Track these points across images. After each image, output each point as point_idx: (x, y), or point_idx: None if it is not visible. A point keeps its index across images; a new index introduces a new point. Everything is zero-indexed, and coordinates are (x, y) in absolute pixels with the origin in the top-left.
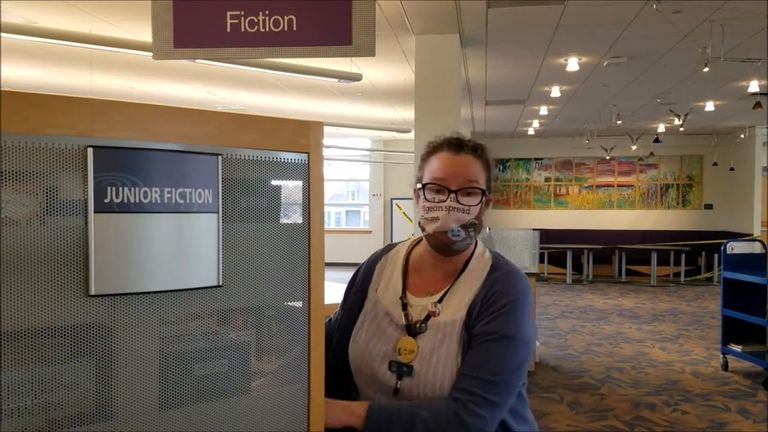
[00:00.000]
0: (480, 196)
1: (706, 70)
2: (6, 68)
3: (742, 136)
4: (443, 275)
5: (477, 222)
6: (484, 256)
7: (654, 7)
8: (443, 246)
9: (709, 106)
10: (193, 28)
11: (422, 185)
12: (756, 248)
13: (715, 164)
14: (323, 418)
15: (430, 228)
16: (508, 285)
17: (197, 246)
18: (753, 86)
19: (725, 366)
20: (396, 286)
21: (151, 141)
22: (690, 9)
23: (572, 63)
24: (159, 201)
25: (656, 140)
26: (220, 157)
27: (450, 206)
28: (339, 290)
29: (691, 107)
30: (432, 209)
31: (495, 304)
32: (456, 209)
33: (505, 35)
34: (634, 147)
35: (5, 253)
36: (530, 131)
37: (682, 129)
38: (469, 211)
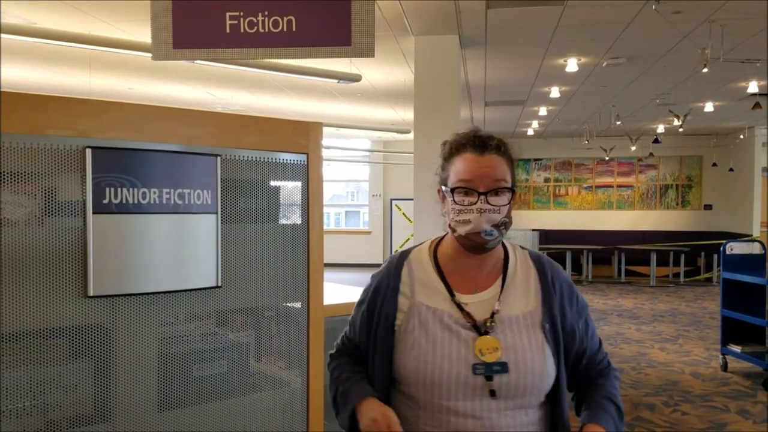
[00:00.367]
0: (508, 195)
1: (706, 71)
2: (5, 69)
3: (742, 137)
4: (486, 271)
5: (507, 220)
6: (516, 249)
7: (653, 8)
8: (477, 246)
9: (709, 107)
10: (192, 29)
11: (451, 189)
12: (755, 249)
13: (715, 165)
14: (322, 419)
15: (463, 230)
16: (562, 274)
17: (196, 247)
18: (752, 87)
19: (725, 366)
20: (439, 289)
21: (150, 142)
22: (689, 9)
23: (571, 64)
24: (158, 202)
25: (656, 141)
26: (219, 158)
27: (481, 208)
28: (338, 291)
29: (691, 108)
30: (462, 212)
31: (566, 292)
32: (487, 210)
33: (505, 36)
34: (634, 147)
35: (3, 255)
36: (529, 132)
37: (682, 130)
38: (500, 211)
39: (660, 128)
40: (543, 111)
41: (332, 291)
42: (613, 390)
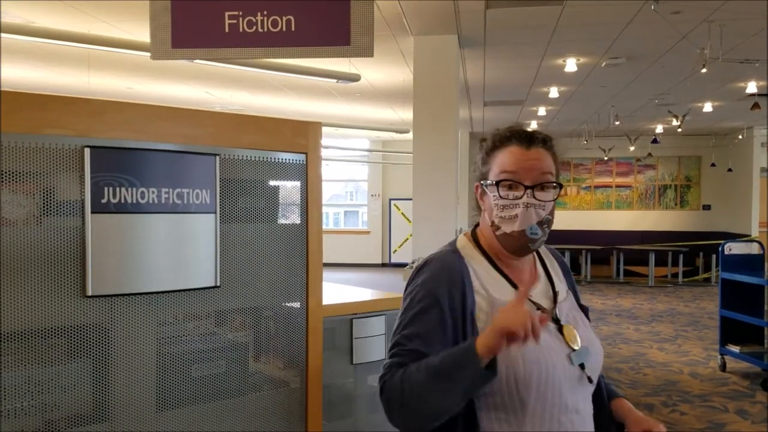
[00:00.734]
0: (554, 191)
1: (705, 71)
2: (3, 68)
3: (740, 137)
4: (529, 264)
5: (551, 218)
6: None
7: (652, 8)
8: (522, 248)
9: (708, 107)
10: (191, 29)
11: (495, 182)
12: (754, 249)
13: (713, 165)
14: (320, 419)
15: (508, 227)
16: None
17: (195, 246)
18: (751, 87)
19: (723, 367)
20: (505, 284)
21: (149, 141)
22: (688, 10)
23: (570, 64)
24: (156, 201)
25: (654, 141)
26: (218, 158)
27: (527, 203)
28: (337, 291)
29: (690, 108)
30: (508, 207)
31: (570, 274)
32: (534, 205)
33: (504, 36)
34: (632, 148)
35: (2, 254)
36: None
37: (680, 130)
38: (545, 207)
39: (659, 128)
40: (542, 111)
41: (331, 291)
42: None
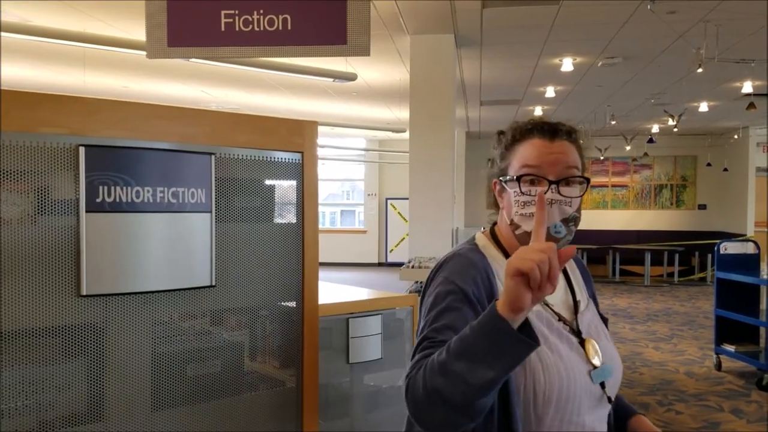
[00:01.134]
0: (581, 186)
1: (700, 71)
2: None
3: (736, 137)
4: None
5: (578, 215)
6: None
7: (648, 8)
8: None
9: (703, 107)
10: (187, 27)
11: (516, 177)
12: (749, 248)
13: (709, 165)
14: (316, 418)
15: (529, 225)
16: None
17: (190, 246)
18: (747, 87)
19: (719, 366)
20: None
21: (144, 140)
22: (684, 10)
23: (567, 63)
24: (151, 200)
25: (650, 141)
26: (214, 156)
27: (551, 199)
28: (333, 290)
29: (685, 108)
30: (529, 203)
31: (591, 281)
32: (558, 201)
33: (500, 35)
34: (628, 147)
35: None
36: None
37: (676, 129)
38: (571, 204)
39: (655, 128)
40: (538, 111)
41: (327, 290)
42: None
